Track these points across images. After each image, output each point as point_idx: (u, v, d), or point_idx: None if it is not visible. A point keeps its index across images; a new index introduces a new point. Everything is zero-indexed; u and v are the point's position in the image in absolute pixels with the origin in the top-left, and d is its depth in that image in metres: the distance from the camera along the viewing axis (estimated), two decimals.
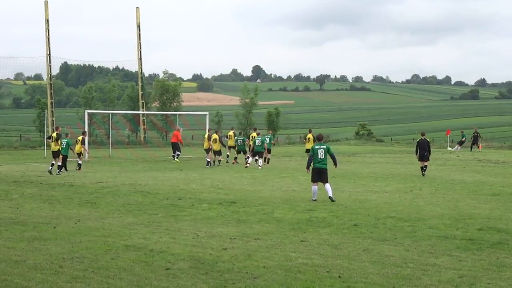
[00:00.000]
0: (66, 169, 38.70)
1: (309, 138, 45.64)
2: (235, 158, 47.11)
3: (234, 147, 47.34)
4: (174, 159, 49.00)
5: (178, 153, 49.43)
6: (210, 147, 44.32)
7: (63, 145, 38.76)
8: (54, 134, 39.20)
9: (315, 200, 24.51)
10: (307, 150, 44.61)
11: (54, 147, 38.21)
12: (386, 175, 36.40)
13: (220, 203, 23.35)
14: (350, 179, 33.67)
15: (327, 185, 24.91)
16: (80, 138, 42.10)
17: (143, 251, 14.53)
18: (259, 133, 45.80)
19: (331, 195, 24.55)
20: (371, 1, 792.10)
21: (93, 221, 19.09)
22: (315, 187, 24.94)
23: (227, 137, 48.00)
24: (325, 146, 25.62)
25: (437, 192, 27.83)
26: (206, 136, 45.40)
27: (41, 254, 14.15)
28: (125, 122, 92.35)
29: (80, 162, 40.67)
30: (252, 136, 45.42)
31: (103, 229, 17.61)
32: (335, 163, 26.16)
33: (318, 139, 26.27)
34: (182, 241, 15.72)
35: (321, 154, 25.32)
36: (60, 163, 37.62)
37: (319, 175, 25.08)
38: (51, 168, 37.31)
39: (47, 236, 16.32)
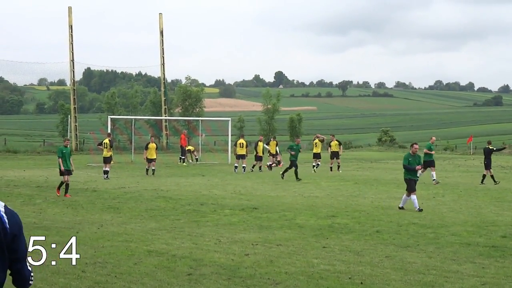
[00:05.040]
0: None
1: (316, 143, 46.14)
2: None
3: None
4: (181, 162, 52.01)
5: (182, 157, 52.43)
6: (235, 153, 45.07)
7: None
8: (107, 140, 39.81)
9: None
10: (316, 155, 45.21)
11: (106, 153, 38.75)
12: None
13: (242, 209, 23.38)
14: (372, 186, 33.59)
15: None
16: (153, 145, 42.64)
17: (165, 256, 14.57)
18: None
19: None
20: (395, 7, 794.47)
21: (116, 226, 19.17)
22: (408, 197, 24.37)
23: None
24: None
25: (460, 198, 27.70)
26: (239, 142, 45.25)
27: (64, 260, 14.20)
28: (147, 127, 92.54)
29: (149, 168, 41.22)
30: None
31: (125, 234, 17.67)
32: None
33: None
34: (204, 247, 15.75)
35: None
36: (108, 168, 38.04)
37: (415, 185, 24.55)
38: (107, 176, 37.52)
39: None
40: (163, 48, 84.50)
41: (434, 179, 35.30)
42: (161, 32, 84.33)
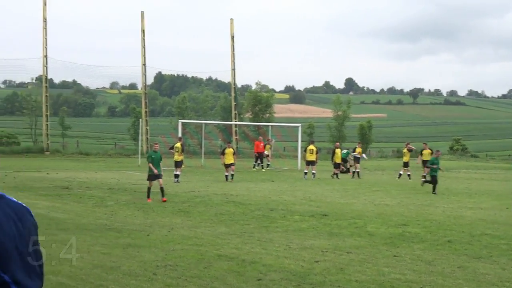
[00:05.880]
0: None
1: (404, 152, 46.14)
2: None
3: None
4: (258, 167, 52.33)
5: (256, 163, 52.82)
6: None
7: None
8: (178, 145, 40.46)
9: None
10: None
11: (178, 157, 39.25)
12: (481, 191, 35.69)
13: (312, 215, 23.27)
14: (444, 195, 33.15)
15: None
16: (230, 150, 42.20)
17: (235, 261, 14.58)
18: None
19: None
20: (468, 15, 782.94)
21: (186, 230, 19.27)
22: None
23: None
24: None
25: None
26: (309, 148, 45.24)
27: (135, 261, 14.34)
28: (217, 132, 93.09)
29: (228, 174, 40.54)
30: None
31: (195, 238, 17.75)
32: None
33: None
34: (274, 252, 15.71)
35: None
36: (179, 172, 38.46)
37: None
38: (177, 180, 37.91)
39: (141, 243, 16.54)
40: (233, 54, 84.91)
41: None
42: (232, 38, 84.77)
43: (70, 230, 18.60)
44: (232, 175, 40.23)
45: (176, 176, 38.35)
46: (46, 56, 76.46)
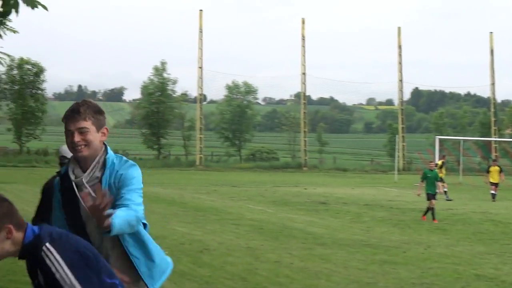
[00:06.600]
0: None
1: None
2: None
3: None
4: None
5: None
6: None
7: None
8: (440, 162, 40.71)
9: None
10: None
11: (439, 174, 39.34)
12: None
13: None
14: None
15: None
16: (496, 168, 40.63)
17: (494, 281, 14.16)
18: None
19: None
20: None
21: (443, 248, 18.96)
22: None
23: None
24: None
25: None
26: None
27: (392, 277, 14.33)
28: (476, 149, 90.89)
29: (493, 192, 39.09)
30: None
31: (453, 256, 17.42)
32: None
33: None
34: None
35: None
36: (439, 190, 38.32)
37: None
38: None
39: (397, 260, 16.49)
40: (493, 67, 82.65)
41: None
42: (491, 51, 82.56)
43: (327, 245, 18.94)
44: (494, 194, 38.62)
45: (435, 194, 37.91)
46: (304, 73, 78.54)
